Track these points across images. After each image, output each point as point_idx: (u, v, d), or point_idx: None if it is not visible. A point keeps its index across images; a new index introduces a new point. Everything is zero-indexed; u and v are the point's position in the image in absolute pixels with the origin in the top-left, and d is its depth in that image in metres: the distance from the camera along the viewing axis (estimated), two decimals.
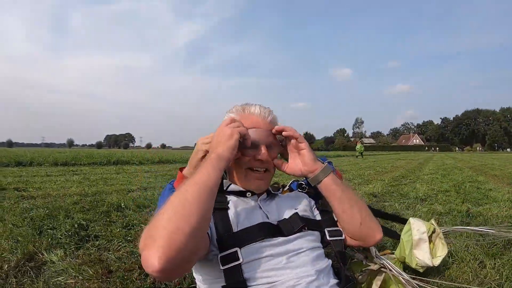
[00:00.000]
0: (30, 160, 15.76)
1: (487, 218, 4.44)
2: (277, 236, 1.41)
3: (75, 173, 11.51)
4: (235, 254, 1.31)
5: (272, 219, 1.49)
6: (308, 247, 1.44)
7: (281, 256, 1.36)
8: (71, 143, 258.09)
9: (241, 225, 1.41)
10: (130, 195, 6.49)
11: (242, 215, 1.45)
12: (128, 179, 9.73)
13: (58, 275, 2.63)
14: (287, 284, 1.28)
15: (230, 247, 1.32)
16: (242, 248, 1.33)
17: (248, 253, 1.33)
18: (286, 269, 1.33)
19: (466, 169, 14.90)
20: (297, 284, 1.29)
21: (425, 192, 7.10)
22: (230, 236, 1.36)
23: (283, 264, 1.34)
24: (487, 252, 3.09)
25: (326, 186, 1.54)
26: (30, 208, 4.98)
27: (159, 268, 0.98)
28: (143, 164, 18.74)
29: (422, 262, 2.33)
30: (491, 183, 8.99)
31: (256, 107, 1.62)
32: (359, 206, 1.58)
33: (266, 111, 1.63)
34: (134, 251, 3.16)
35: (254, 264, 1.32)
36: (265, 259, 1.34)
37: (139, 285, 2.47)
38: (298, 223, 1.48)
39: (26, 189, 7.15)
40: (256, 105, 1.63)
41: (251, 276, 1.30)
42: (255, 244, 1.35)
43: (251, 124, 1.54)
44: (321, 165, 1.56)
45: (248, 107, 1.63)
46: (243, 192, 1.57)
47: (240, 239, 1.35)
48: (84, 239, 3.51)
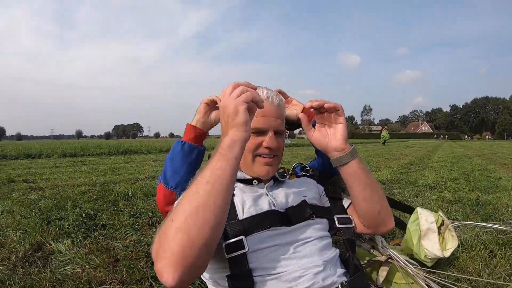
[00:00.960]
0: (39, 152, 15.91)
1: (497, 207, 4.39)
2: (285, 225, 1.38)
3: (84, 164, 11.60)
4: (240, 243, 1.27)
5: (279, 207, 1.45)
6: (315, 236, 1.41)
7: (288, 245, 1.33)
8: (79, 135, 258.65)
9: (247, 213, 1.37)
10: (138, 184, 6.51)
11: (248, 202, 1.42)
12: (136, 168, 9.78)
13: (65, 264, 2.64)
14: (293, 275, 1.25)
15: (236, 235, 1.29)
16: (248, 236, 1.29)
17: (254, 242, 1.29)
18: (292, 259, 1.30)
19: (475, 158, 14.78)
20: (303, 275, 1.25)
21: (434, 180, 7.05)
22: (236, 224, 1.32)
23: (289, 254, 1.31)
24: (497, 241, 3.05)
25: (351, 170, 1.45)
26: (38, 199, 5.02)
27: (174, 285, 0.96)
28: (151, 153, 18.82)
29: (431, 253, 2.24)
30: (501, 172, 8.91)
31: (264, 90, 1.54)
32: (379, 194, 1.54)
33: (274, 94, 1.56)
34: (141, 239, 3.17)
35: (259, 254, 1.29)
36: (271, 248, 1.30)
37: (146, 274, 2.45)
38: (307, 210, 1.44)
39: (35, 180, 7.22)
40: (263, 88, 1.56)
41: (256, 266, 1.27)
42: (262, 233, 1.32)
43: (260, 112, 1.44)
44: (350, 147, 1.46)
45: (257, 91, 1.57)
46: (249, 180, 1.54)
47: (246, 227, 1.31)
48: (91, 228, 3.53)
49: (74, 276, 2.41)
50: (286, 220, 1.40)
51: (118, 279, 2.37)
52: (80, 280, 2.32)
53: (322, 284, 1.24)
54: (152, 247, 1.05)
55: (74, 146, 19.38)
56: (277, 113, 1.53)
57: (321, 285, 1.24)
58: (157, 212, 4.09)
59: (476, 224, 2.78)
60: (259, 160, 1.51)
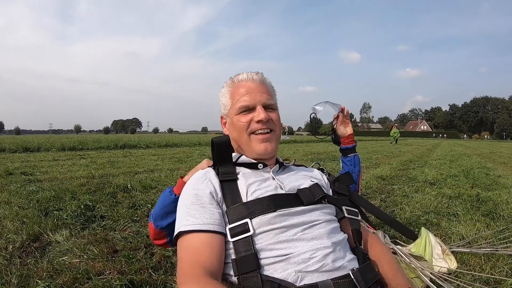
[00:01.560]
0: (38, 146, 15.82)
1: (497, 203, 4.39)
2: (294, 206, 1.35)
3: (82, 157, 11.56)
4: (245, 225, 1.25)
5: (287, 189, 1.42)
6: (324, 219, 1.37)
7: (296, 227, 1.29)
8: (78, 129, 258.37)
9: (253, 196, 1.34)
10: (136, 177, 6.51)
11: (253, 186, 1.39)
12: (135, 162, 9.78)
13: (63, 254, 2.62)
14: (302, 256, 1.21)
15: (240, 218, 1.27)
16: (253, 219, 1.27)
17: (260, 224, 1.26)
18: (301, 241, 1.26)
19: (474, 156, 14.85)
20: (313, 256, 1.21)
21: (433, 176, 7.07)
22: (240, 207, 1.30)
23: (298, 235, 1.27)
24: (498, 235, 3.06)
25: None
26: (36, 190, 5.00)
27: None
28: (150, 147, 18.80)
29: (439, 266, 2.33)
30: (500, 170, 8.95)
31: (243, 74, 1.59)
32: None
33: (253, 74, 1.59)
34: (141, 230, 3.16)
35: (266, 236, 1.25)
36: (278, 230, 1.26)
37: (145, 264, 2.45)
38: (319, 192, 1.41)
39: (33, 173, 7.19)
40: (243, 73, 1.60)
41: (263, 247, 1.23)
42: (268, 214, 1.28)
43: (240, 93, 1.52)
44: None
45: (236, 76, 1.61)
46: (254, 164, 1.51)
47: (251, 209, 1.28)
48: (90, 220, 3.51)
49: (71, 266, 2.39)
50: (296, 200, 1.37)
51: (116, 269, 2.35)
52: (78, 270, 2.30)
53: (332, 266, 1.21)
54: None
55: (72, 140, 19.29)
56: (261, 88, 1.55)
57: (331, 267, 1.21)
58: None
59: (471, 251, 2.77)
60: (254, 138, 1.50)
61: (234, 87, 1.57)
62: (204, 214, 1.26)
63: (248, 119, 1.49)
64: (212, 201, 1.30)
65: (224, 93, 1.60)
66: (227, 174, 1.40)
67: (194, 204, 1.29)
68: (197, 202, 1.29)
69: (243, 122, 1.49)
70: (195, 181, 1.39)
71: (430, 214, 3.91)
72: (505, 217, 3.79)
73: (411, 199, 4.75)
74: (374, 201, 4.72)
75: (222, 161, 1.46)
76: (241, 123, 1.49)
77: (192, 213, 1.26)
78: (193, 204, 1.29)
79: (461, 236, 3.08)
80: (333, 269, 1.21)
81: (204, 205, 1.28)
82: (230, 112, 1.55)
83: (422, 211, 4.03)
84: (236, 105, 1.51)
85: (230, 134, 1.57)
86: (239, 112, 1.50)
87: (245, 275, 1.18)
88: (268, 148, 1.51)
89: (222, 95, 1.61)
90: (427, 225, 3.42)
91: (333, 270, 1.21)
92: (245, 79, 1.57)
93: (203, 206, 1.28)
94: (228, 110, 1.57)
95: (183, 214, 1.28)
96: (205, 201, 1.29)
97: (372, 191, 5.49)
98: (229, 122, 1.58)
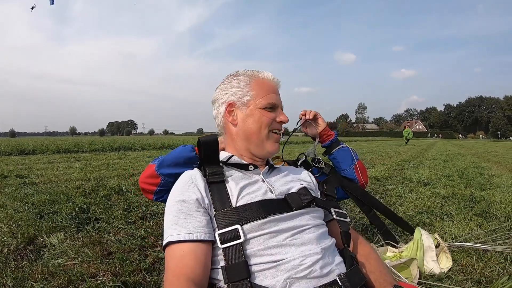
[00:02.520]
0: (33, 148, 15.78)
1: (491, 203, 4.40)
2: (284, 211, 1.34)
3: (78, 160, 11.54)
4: (236, 232, 1.24)
5: (277, 194, 1.42)
6: (313, 224, 1.37)
7: (285, 232, 1.29)
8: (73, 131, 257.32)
9: (243, 200, 1.34)
10: (131, 179, 6.49)
11: (244, 189, 1.38)
12: (130, 164, 9.79)
13: (58, 257, 2.63)
14: (292, 263, 1.21)
15: (230, 224, 1.25)
16: (243, 225, 1.26)
17: (250, 230, 1.26)
18: (291, 246, 1.26)
19: (469, 156, 14.90)
20: (302, 263, 1.21)
21: (428, 176, 7.10)
22: (230, 212, 1.29)
23: (287, 241, 1.27)
24: (491, 235, 3.07)
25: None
26: (31, 193, 4.99)
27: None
28: (145, 149, 18.84)
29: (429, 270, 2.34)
30: (494, 169, 8.99)
31: (269, 73, 1.58)
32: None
33: (276, 77, 1.60)
34: (135, 233, 3.17)
35: (255, 241, 1.25)
36: (268, 235, 1.26)
37: (139, 266, 2.45)
38: (308, 197, 1.42)
39: (28, 176, 7.18)
40: (267, 72, 1.60)
41: (252, 253, 1.23)
42: (258, 220, 1.27)
43: (268, 89, 1.52)
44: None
45: (260, 72, 1.59)
46: (245, 166, 1.51)
47: (241, 215, 1.27)
48: (84, 222, 3.52)
49: (66, 269, 2.40)
50: (285, 206, 1.37)
51: (110, 271, 2.35)
52: (72, 272, 2.31)
53: (320, 273, 1.21)
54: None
55: (68, 143, 19.25)
56: (279, 93, 1.59)
57: (319, 273, 1.21)
58: (151, 206, 4.10)
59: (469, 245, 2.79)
60: (273, 136, 1.52)
61: (258, 81, 1.54)
62: (191, 222, 1.24)
63: (271, 116, 1.50)
64: (199, 208, 1.29)
65: (243, 81, 1.54)
66: (214, 175, 1.39)
67: (180, 211, 1.27)
68: (184, 210, 1.27)
69: (268, 118, 1.49)
70: (181, 186, 1.36)
71: (423, 214, 3.93)
72: (498, 216, 3.81)
73: (404, 200, 4.77)
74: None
75: (209, 161, 1.45)
76: (265, 118, 1.48)
77: (179, 222, 1.25)
78: (179, 211, 1.27)
79: (454, 236, 3.09)
80: (321, 276, 1.22)
81: (190, 213, 1.27)
82: (251, 103, 1.50)
83: (415, 211, 4.04)
84: (261, 100, 1.49)
85: (242, 125, 1.52)
86: (264, 107, 1.49)
87: (235, 283, 1.17)
88: (277, 148, 1.56)
89: (239, 81, 1.54)
90: (420, 226, 3.43)
91: (321, 277, 1.22)
92: (270, 79, 1.57)
93: (189, 214, 1.26)
94: (247, 100, 1.50)
95: (170, 223, 1.27)
96: (191, 208, 1.28)
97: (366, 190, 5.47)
98: (246, 113, 1.51)
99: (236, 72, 1.61)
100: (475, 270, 2.40)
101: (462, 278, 2.30)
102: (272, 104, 1.49)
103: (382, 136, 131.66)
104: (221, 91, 1.57)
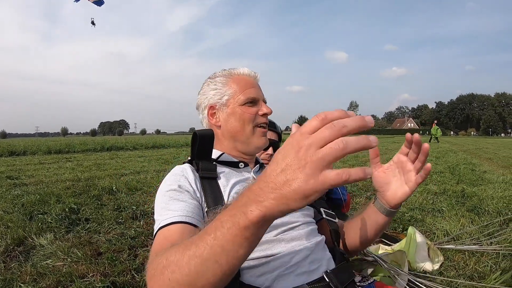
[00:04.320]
0: (24, 149, 15.70)
1: (482, 199, 4.42)
2: None
3: (69, 160, 11.48)
4: None
5: None
6: (303, 221, 1.36)
7: (276, 228, 1.28)
8: (65, 132, 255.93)
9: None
10: (122, 179, 6.49)
11: (235, 186, 1.37)
12: (121, 164, 9.75)
13: (47, 258, 2.61)
14: (283, 259, 1.20)
15: None
16: None
17: None
18: (281, 242, 1.25)
19: (460, 152, 14.99)
20: (292, 259, 1.21)
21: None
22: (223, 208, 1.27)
23: (278, 237, 1.26)
24: (483, 231, 3.08)
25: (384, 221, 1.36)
26: (21, 194, 4.96)
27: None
28: (136, 149, 18.79)
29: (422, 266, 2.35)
30: (486, 166, 9.04)
31: (245, 69, 1.55)
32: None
33: (253, 71, 1.57)
34: (125, 232, 3.16)
35: None
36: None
37: (128, 265, 2.44)
38: None
39: (19, 177, 7.14)
40: (243, 67, 1.56)
41: None
42: None
43: (245, 85, 1.49)
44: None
45: (235, 69, 1.56)
46: (235, 163, 1.50)
47: None
48: (74, 223, 3.49)
49: (55, 270, 2.38)
50: None
51: (100, 271, 2.34)
52: (61, 273, 2.30)
53: (308, 268, 1.21)
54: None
55: (59, 143, 19.15)
56: (259, 86, 1.56)
57: (307, 269, 1.20)
58: (141, 206, 4.09)
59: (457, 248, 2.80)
60: (259, 130, 1.49)
61: (235, 78, 1.53)
62: (183, 206, 1.19)
63: (253, 111, 1.47)
64: (191, 197, 1.25)
65: (220, 81, 1.53)
66: (207, 171, 1.37)
67: (172, 198, 1.23)
68: (175, 197, 1.23)
69: (250, 114, 1.47)
70: (173, 178, 1.33)
71: (415, 210, 3.94)
72: (490, 212, 3.83)
73: None
74: (360, 199, 4.76)
75: (202, 156, 1.43)
76: (247, 114, 1.46)
77: (171, 207, 1.19)
78: (171, 198, 1.23)
79: (446, 232, 3.10)
80: (309, 271, 1.21)
81: (183, 199, 1.22)
82: (231, 102, 1.48)
83: (407, 208, 4.05)
84: (240, 96, 1.47)
85: (225, 126, 1.51)
86: (244, 103, 1.46)
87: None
88: (266, 142, 1.53)
89: (216, 83, 1.53)
90: (412, 222, 3.44)
91: (309, 272, 1.21)
92: (247, 74, 1.54)
93: (182, 200, 1.22)
94: (226, 100, 1.49)
95: (162, 210, 1.19)
96: (183, 196, 1.24)
97: (358, 188, 5.52)
98: (228, 112, 1.49)
99: (213, 74, 1.61)
100: (468, 266, 2.41)
101: (455, 274, 2.30)
102: (251, 98, 1.47)
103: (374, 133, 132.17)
104: (202, 96, 1.56)
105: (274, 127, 2.61)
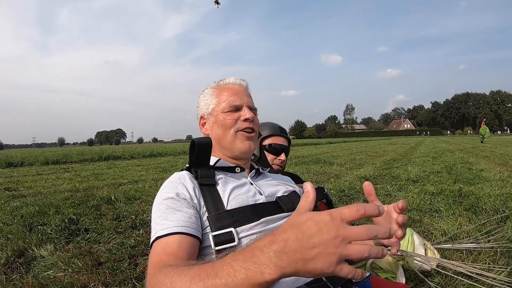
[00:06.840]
0: (21, 160, 15.65)
1: (480, 197, 4.44)
2: (275, 213, 1.36)
3: (66, 171, 11.47)
4: (230, 235, 1.23)
5: (266, 195, 1.44)
6: None
7: (273, 229, 1.30)
8: (62, 142, 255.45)
9: (235, 203, 1.34)
10: (120, 188, 6.50)
11: (233, 191, 1.39)
12: (119, 174, 9.74)
13: (48, 269, 2.61)
14: None
15: (225, 226, 1.25)
16: (237, 228, 1.25)
17: (242, 231, 1.26)
18: None
19: (457, 152, 15.00)
20: None
21: (416, 174, 7.14)
22: (224, 214, 1.28)
23: None
24: (480, 229, 3.09)
25: None
26: (20, 206, 4.96)
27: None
28: (134, 158, 18.77)
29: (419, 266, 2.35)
30: (483, 164, 9.05)
31: (231, 78, 1.63)
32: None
33: (240, 79, 1.64)
34: (125, 242, 3.16)
35: (245, 240, 1.24)
36: (259, 234, 1.25)
37: (129, 275, 2.45)
38: (298, 200, 1.42)
39: (17, 188, 7.13)
40: (230, 77, 1.64)
41: None
42: (251, 223, 1.28)
43: (229, 93, 1.55)
44: None
45: (223, 80, 1.64)
46: (232, 168, 1.53)
47: (236, 218, 1.28)
48: (74, 233, 3.49)
49: (56, 280, 2.39)
50: (277, 208, 1.39)
51: (101, 281, 2.35)
52: (62, 283, 2.30)
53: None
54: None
55: (56, 154, 19.08)
56: (247, 93, 1.61)
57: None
58: (140, 215, 4.10)
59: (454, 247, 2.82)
60: (241, 135, 1.52)
61: (221, 88, 1.59)
62: (180, 216, 1.22)
63: (235, 117, 1.51)
64: (188, 206, 1.27)
65: (208, 93, 1.61)
66: (206, 177, 1.40)
67: (169, 208, 1.25)
68: (173, 206, 1.25)
69: (231, 119, 1.51)
70: (170, 185, 1.35)
71: (412, 211, 3.95)
72: (487, 210, 3.85)
73: (394, 198, 4.81)
74: (357, 202, 4.76)
75: (201, 164, 1.45)
76: (228, 120, 1.50)
77: (168, 217, 1.22)
78: (168, 208, 1.25)
79: (443, 232, 3.12)
80: None
81: (180, 208, 1.25)
82: (215, 110, 1.54)
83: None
84: (223, 104, 1.52)
85: (211, 133, 1.57)
86: (226, 111, 1.51)
87: None
88: (252, 146, 1.55)
89: (205, 95, 1.61)
90: (409, 223, 3.46)
91: None
92: (232, 82, 1.61)
93: (178, 210, 1.24)
94: (211, 109, 1.56)
95: (159, 219, 1.23)
96: (181, 205, 1.26)
97: (355, 191, 5.53)
98: (212, 120, 1.56)
99: (205, 87, 1.67)
100: (465, 265, 2.42)
101: (453, 272, 2.31)
102: (233, 105, 1.52)
103: (371, 136, 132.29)
104: (197, 107, 1.65)
105: (285, 133, 2.66)
